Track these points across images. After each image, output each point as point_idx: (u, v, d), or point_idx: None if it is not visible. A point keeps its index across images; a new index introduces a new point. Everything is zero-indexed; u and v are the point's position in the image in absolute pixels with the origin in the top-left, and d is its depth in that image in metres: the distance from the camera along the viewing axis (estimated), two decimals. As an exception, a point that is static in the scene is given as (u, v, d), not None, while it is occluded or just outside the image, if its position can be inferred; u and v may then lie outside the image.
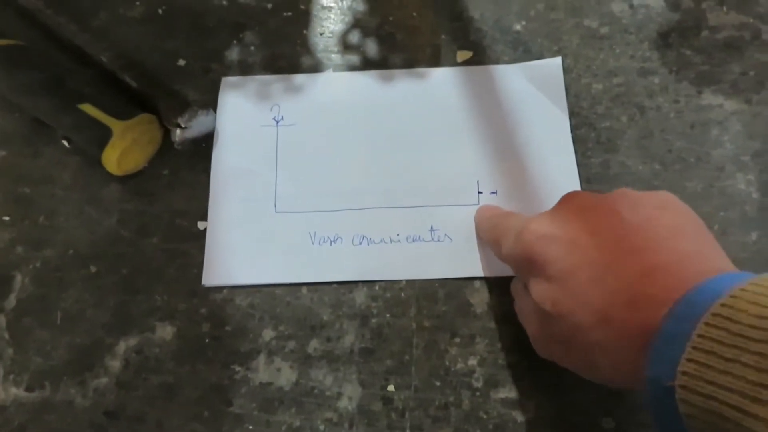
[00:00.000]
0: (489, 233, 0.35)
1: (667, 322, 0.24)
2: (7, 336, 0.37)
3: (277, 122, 0.42)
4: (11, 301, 0.38)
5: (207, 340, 0.37)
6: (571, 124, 0.41)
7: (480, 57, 0.44)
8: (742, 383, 0.22)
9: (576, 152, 0.40)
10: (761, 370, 0.21)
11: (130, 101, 0.41)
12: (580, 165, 0.40)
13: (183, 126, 0.39)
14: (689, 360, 0.23)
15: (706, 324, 0.23)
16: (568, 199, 0.30)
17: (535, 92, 0.42)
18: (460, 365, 0.36)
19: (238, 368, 0.36)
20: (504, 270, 0.37)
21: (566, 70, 0.43)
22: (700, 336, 0.23)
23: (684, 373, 0.23)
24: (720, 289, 0.24)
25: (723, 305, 0.23)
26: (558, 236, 0.28)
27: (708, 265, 0.26)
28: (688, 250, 0.27)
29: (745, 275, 0.24)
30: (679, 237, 0.27)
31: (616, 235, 0.27)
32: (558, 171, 0.39)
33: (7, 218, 0.40)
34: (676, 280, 0.25)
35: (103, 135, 0.38)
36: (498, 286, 0.37)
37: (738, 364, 0.22)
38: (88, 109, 0.39)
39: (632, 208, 0.28)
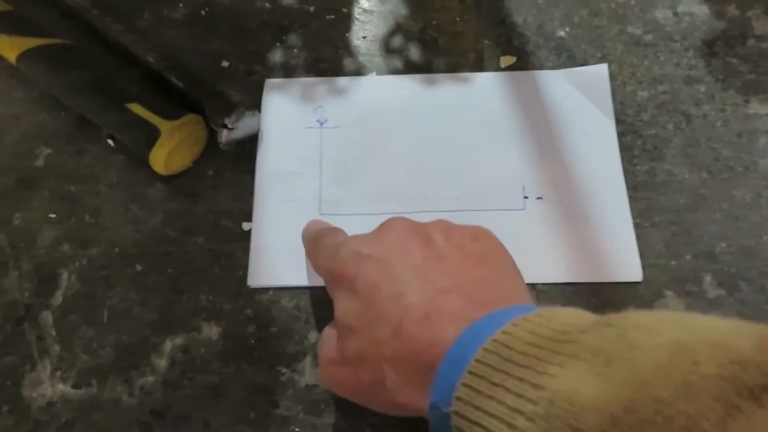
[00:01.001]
0: (310, 245, 0.35)
1: (453, 347, 0.25)
2: (53, 333, 0.37)
3: (321, 124, 0.42)
4: (57, 298, 0.38)
5: (252, 341, 0.37)
6: (616, 131, 0.41)
7: (523, 62, 0.44)
8: (502, 408, 0.22)
9: (621, 159, 0.40)
10: (519, 395, 0.22)
11: (176, 101, 0.41)
12: (626, 172, 0.40)
13: (230, 127, 0.39)
14: (464, 385, 0.23)
15: (484, 350, 0.24)
16: (388, 223, 0.31)
17: (580, 98, 0.42)
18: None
19: (284, 370, 0.36)
20: (551, 276, 0.37)
21: (611, 77, 0.42)
22: (476, 361, 0.23)
23: (458, 398, 0.23)
24: (508, 318, 0.24)
25: (503, 332, 0.24)
26: (371, 255, 0.29)
27: (504, 294, 0.28)
28: (488, 279, 0.28)
29: (535, 308, 0.25)
30: (483, 266, 0.29)
31: (424, 257, 0.29)
32: (604, 178, 0.39)
33: (53, 216, 0.40)
34: (470, 305, 0.26)
35: (151, 135, 0.39)
36: (547, 291, 0.37)
37: (502, 389, 0.22)
38: (135, 108, 0.39)
39: (446, 235, 0.30)
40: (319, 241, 0.34)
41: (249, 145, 0.42)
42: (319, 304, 0.37)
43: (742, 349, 0.19)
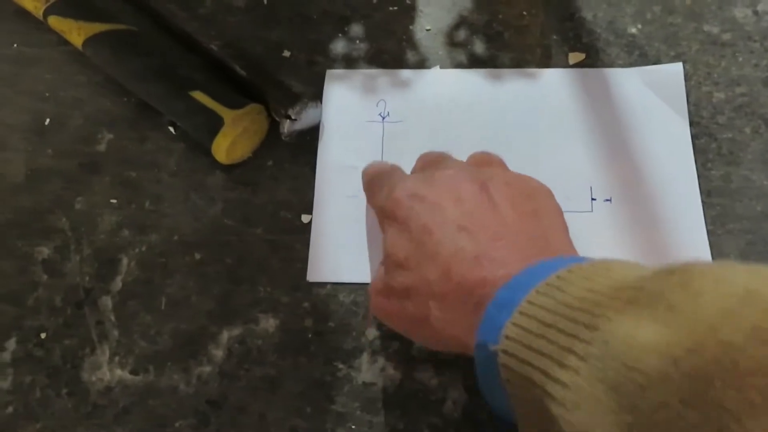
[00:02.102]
0: (368, 182, 0.36)
1: (502, 290, 0.25)
2: (113, 318, 0.37)
3: (383, 118, 0.41)
4: (117, 283, 0.38)
5: (310, 335, 0.36)
6: (690, 134, 0.39)
7: (593, 60, 0.42)
8: (552, 348, 0.22)
9: (695, 163, 0.38)
10: (571, 336, 0.22)
11: (238, 90, 0.41)
12: (699, 177, 0.38)
13: (293, 118, 0.39)
14: (514, 324, 0.24)
15: (537, 291, 0.24)
16: (443, 167, 0.32)
17: (653, 98, 0.40)
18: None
19: (341, 366, 0.35)
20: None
21: (685, 77, 0.41)
22: (528, 302, 0.24)
23: (507, 337, 0.24)
24: (561, 266, 0.25)
25: (558, 277, 0.24)
26: (425, 197, 0.30)
27: (555, 248, 0.29)
28: (540, 232, 0.29)
29: (589, 259, 0.25)
30: (535, 220, 0.29)
31: (477, 205, 0.29)
32: (677, 181, 0.38)
33: (114, 201, 0.41)
34: (521, 252, 0.27)
35: (214, 123, 0.38)
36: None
37: (554, 329, 0.22)
38: (199, 96, 0.39)
39: (501, 188, 0.30)
40: (376, 179, 0.35)
41: (309, 137, 0.41)
42: (378, 300, 0.37)
43: None
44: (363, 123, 0.41)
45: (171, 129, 0.42)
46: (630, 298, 0.21)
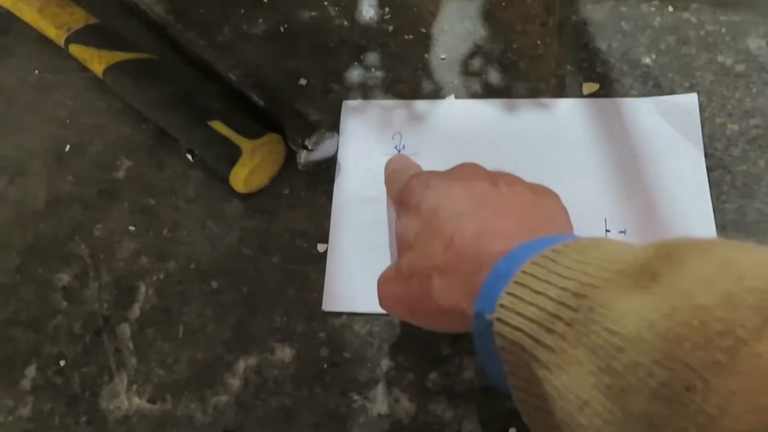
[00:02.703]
0: (389, 175, 0.38)
1: (501, 261, 0.26)
2: (131, 346, 0.38)
3: (399, 151, 0.41)
4: (135, 311, 0.39)
5: (325, 366, 0.37)
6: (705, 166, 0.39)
7: (607, 90, 0.43)
8: (542, 314, 0.23)
9: (710, 195, 0.39)
10: (560, 303, 0.23)
11: (256, 119, 0.41)
12: (714, 210, 0.38)
13: (310, 148, 0.39)
14: (507, 293, 0.25)
15: (532, 262, 0.25)
16: (459, 165, 0.34)
17: (668, 129, 0.40)
18: (584, 412, 0.34)
19: (356, 397, 0.36)
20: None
21: (699, 109, 0.41)
22: (522, 272, 0.25)
23: (501, 305, 0.25)
24: (558, 241, 0.26)
25: (553, 250, 0.25)
26: (438, 186, 0.32)
27: (557, 228, 0.31)
28: (542, 215, 0.31)
29: (589, 237, 0.26)
30: (538, 208, 0.31)
31: (486, 194, 0.31)
32: (692, 214, 0.38)
33: (132, 228, 0.41)
34: (523, 229, 0.29)
35: (233, 153, 0.39)
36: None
37: (544, 297, 0.23)
38: (217, 126, 0.40)
39: (510, 185, 0.32)
40: (396, 173, 0.37)
41: (325, 166, 0.42)
42: (393, 331, 0.37)
43: None
44: (379, 155, 0.41)
45: (189, 156, 0.42)
46: (619, 269, 0.23)
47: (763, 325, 0.18)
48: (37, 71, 0.47)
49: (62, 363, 0.38)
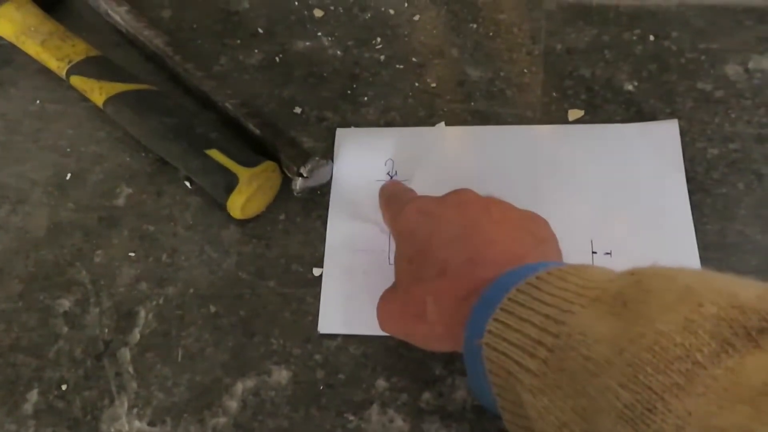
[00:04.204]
0: (384, 201, 0.39)
1: (489, 288, 0.28)
2: (131, 370, 0.39)
3: (391, 177, 0.43)
4: (135, 335, 0.40)
5: (321, 387, 0.38)
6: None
7: (591, 116, 0.44)
8: (526, 340, 0.24)
9: (692, 217, 0.40)
10: (543, 330, 0.24)
11: (252, 147, 0.43)
12: (696, 232, 0.39)
13: (305, 176, 0.41)
14: (495, 320, 0.26)
15: (517, 290, 0.26)
16: (453, 192, 0.35)
17: (651, 154, 0.42)
18: (573, 430, 0.35)
19: (351, 417, 0.37)
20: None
21: (680, 134, 0.42)
22: (509, 299, 0.26)
23: (489, 331, 0.26)
24: (543, 268, 0.27)
25: (537, 278, 0.26)
26: (432, 211, 0.33)
27: (544, 254, 0.31)
28: (532, 242, 0.31)
29: (572, 264, 0.27)
30: (528, 235, 0.32)
31: (478, 221, 0.32)
32: (675, 236, 0.39)
33: (132, 254, 0.42)
34: (511, 256, 0.30)
35: (230, 181, 0.40)
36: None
37: (528, 323, 0.25)
38: (215, 155, 0.41)
39: (501, 211, 0.33)
40: (391, 198, 0.38)
41: (320, 192, 0.43)
42: (387, 352, 0.38)
43: (744, 297, 0.21)
44: (372, 182, 0.42)
45: (187, 183, 0.44)
46: (596, 295, 0.24)
47: (720, 349, 0.19)
48: (38, 101, 0.49)
49: (64, 387, 0.39)
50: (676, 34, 0.47)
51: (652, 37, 0.46)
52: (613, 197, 0.41)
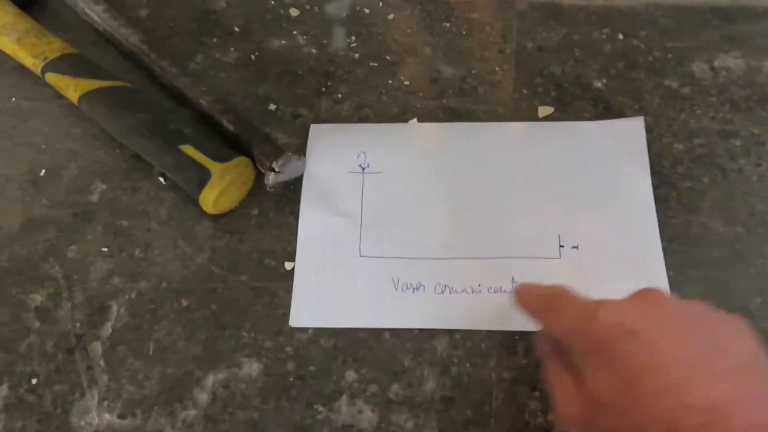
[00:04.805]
0: (543, 304, 0.32)
1: None
2: (102, 363, 0.39)
3: (363, 169, 0.43)
4: (107, 329, 0.40)
5: (291, 379, 0.38)
6: (652, 183, 0.41)
7: (561, 113, 0.45)
8: None
9: (657, 211, 0.41)
10: None
11: (226, 143, 0.43)
12: (660, 224, 0.40)
13: (277, 170, 0.41)
14: None
15: None
16: (650, 295, 0.28)
17: (617, 150, 0.42)
18: (539, 420, 0.36)
19: (321, 408, 0.37)
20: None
21: (647, 129, 0.43)
22: None
23: None
24: None
25: None
26: (637, 331, 0.26)
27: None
28: (758, 391, 0.25)
29: None
30: (752, 371, 0.26)
31: (698, 346, 0.26)
32: (639, 229, 0.40)
33: (105, 249, 0.42)
34: (754, 418, 0.24)
35: (202, 176, 0.40)
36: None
37: None
38: (188, 150, 0.41)
39: (710, 326, 0.27)
40: (556, 300, 0.31)
41: (293, 187, 0.43)
42: (357, 345, 0.39)
43: None
44: (344, 174, 0.43)
45: (161, 179, 0.44)
46: None
47: None
48: (14, 99, 0.49)
49: (34, 381, 0.39)
50: (645, 33, 0.47)
51: (621, 36, 0.47)
52: (580, 192, 0.42)
